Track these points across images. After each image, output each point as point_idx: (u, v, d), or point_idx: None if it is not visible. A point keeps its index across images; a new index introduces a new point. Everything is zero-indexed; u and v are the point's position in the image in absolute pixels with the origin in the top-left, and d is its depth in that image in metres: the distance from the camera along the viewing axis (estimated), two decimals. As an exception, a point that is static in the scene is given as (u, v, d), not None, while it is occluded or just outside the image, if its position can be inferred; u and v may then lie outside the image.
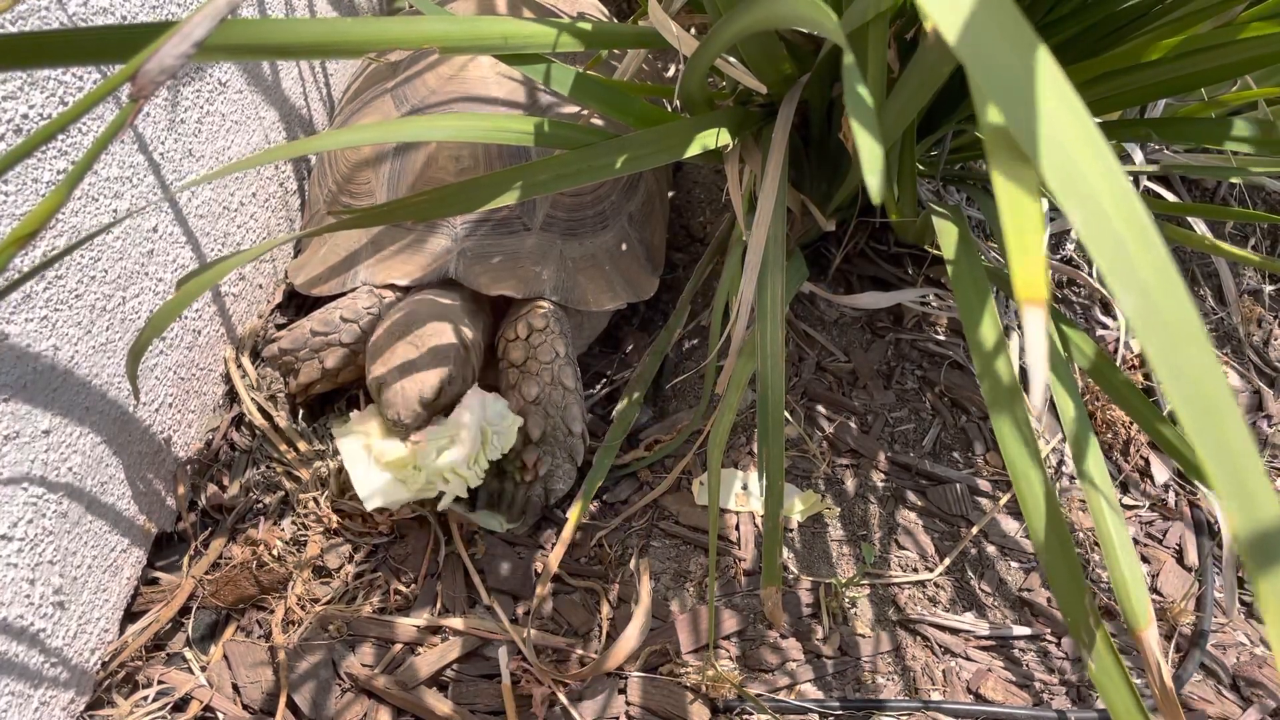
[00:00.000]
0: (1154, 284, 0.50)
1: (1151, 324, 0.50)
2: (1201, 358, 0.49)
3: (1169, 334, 0.50)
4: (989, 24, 0.54)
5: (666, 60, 2.05)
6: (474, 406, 1.33)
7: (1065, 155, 0.52)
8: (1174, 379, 0.49)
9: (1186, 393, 0.49)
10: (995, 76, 0.54)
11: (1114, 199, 0.51)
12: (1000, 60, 0.54)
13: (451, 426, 1.32)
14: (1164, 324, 0.50)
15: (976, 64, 0.54)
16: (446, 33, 1.09)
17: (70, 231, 1.11)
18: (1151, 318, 0.50)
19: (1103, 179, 0.51)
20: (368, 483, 1.29)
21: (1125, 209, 0.51)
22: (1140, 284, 0.50)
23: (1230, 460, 0.49)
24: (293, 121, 1.69)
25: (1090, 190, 0.51)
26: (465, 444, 1.30)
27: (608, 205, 1.56)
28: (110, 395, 1.20)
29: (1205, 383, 0.49)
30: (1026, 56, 0.53)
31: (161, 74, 0.65)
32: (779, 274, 1.17)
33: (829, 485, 1.44)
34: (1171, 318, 0.50)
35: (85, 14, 1.11)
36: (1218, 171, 1.64)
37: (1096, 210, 0.51)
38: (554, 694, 1.18)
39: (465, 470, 1.29)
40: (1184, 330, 0.49)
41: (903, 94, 1.11)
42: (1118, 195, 0.51)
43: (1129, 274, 0.50)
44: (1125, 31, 1.29)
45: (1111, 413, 1.59)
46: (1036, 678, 1.26)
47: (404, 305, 1.39)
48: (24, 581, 1.06)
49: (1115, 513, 1.04)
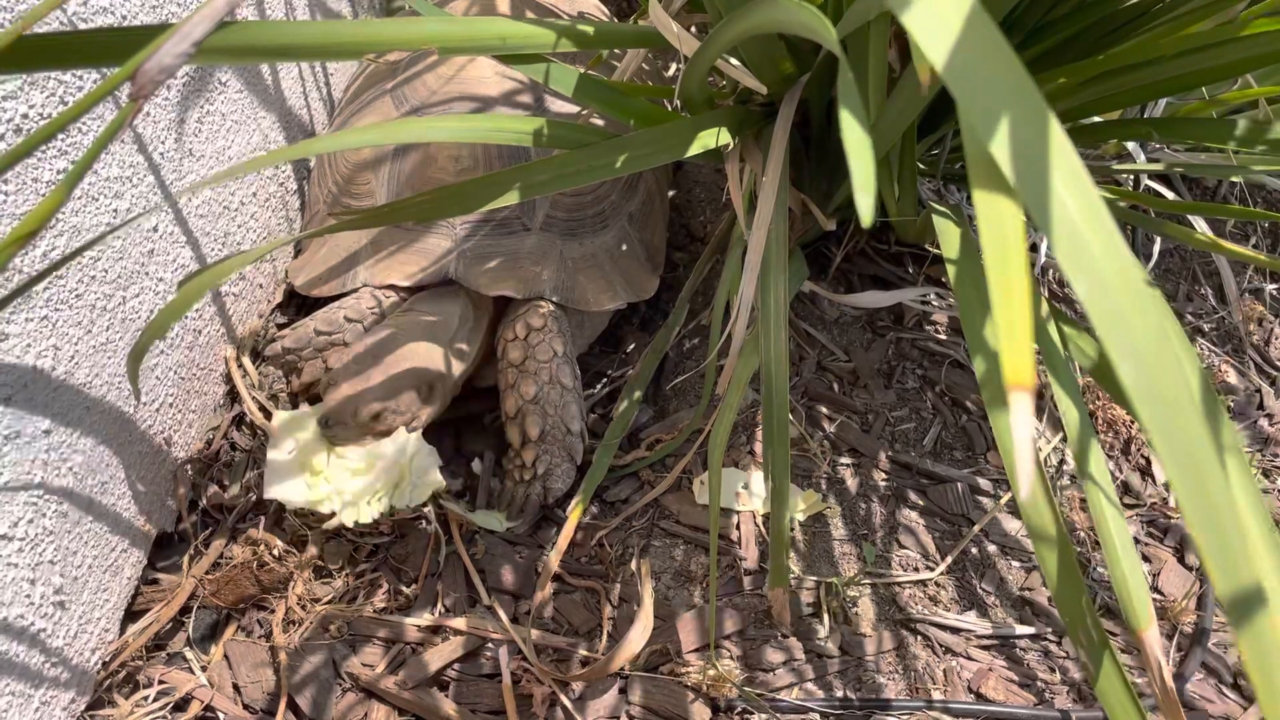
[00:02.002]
0: (1146, 343, 0.53)
1: (1146, 390, 0.53)
2: (1195, 433, 0.53)
3: (1163, 401, 0.53)
4: (976, 54, 0.56)
5: (667, 60, 2.05)
6: (401, 446, 1.32)
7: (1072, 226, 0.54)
8: (1168, 450, 0.53)
9: (1179, 463, 0.53)
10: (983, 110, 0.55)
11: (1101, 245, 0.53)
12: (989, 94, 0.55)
13: (371, 455, 1.31)
14: (1159, 393, 0.53)
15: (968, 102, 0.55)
16: (446, 33, 1.09)
17: (70, 231, 1.11)
18: (1146, 384, 0.53)
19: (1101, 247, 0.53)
20: (276, 473, 1.29)
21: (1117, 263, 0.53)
22: (1134, 347, 0.53)
23: (1215, 526, 0.53)
24: (292, 122, 1.69)
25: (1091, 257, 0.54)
26: (372, 475, 1.29)
27: (607, 205, 1.56)
28: (111, 395, 1.20)
29: (1197, 455, 0.53)
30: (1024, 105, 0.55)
31: (161, 74, 0.65)
32: (780, 274, 1.17)
33: (830, 485, 1.44)
34: (1165, 385, 0.53)
35: (85, 13, 1.11)
36: (1218, 170, 1.64)
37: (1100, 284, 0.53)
38: (555, 694, 1.18)
39: (363, 502, 1.28)
40: (1177, 399, 0.53)
41: (903, 94, 1.11)
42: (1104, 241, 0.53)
43: (1125, 339, 0.53)
44: (1125, 30, 1.29)
45: (1112, 412, 1.59)
46: (1038, 677, 1.26)
47: (397, 320, 1.40)
48: (24, 581, 1.06)
49: (1116, 512, 1.04)
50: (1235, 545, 0.53)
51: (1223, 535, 0.53)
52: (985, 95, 0.55)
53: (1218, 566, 0.53)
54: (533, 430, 1.37)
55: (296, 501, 1.28)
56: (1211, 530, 0.53)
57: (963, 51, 0.55)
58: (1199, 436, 0.53)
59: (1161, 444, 0.53)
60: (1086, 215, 0.53)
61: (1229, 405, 1.71)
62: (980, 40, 0.55)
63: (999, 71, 0.55)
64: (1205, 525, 0.53)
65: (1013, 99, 0.54)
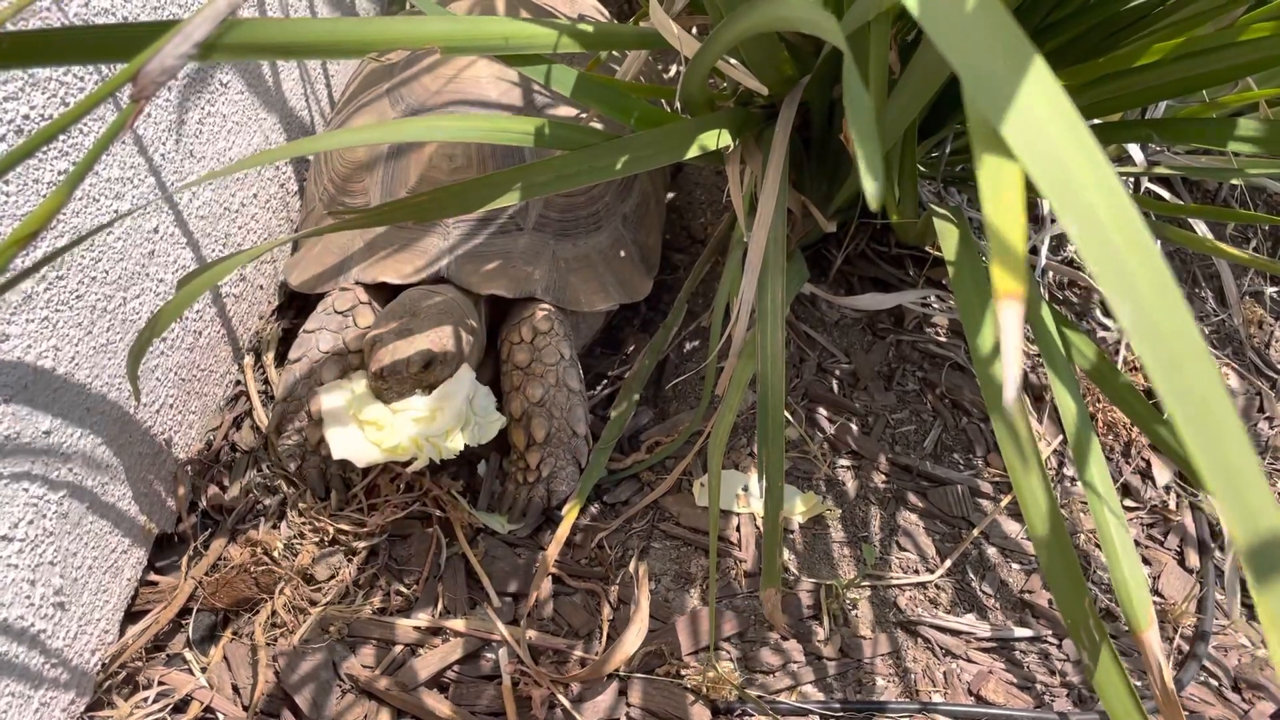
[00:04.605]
0: (1152, 297, 0.50)
1: (1150, 338, 0.50)
2: (1202, 372, 0.49)
3: (1168, 348, 0.50)
4: (982, 31, 0.55)
5: (667, 61, 2.05)
6: (465, 385, 1.35)
7: (1062, 167, 0.53)
8: (1174, 392, 0.49)
9: (1186, 406, 0.49)
10: (988, 87, 0.54)
11: (1112, 212, 0.52)
12: (993, 70, 0.54)
13: (436, 400, 1.33)
14: (1163, 338, 0.50)
15: (968, 72, 0.54)
16: (449, 33, 1.09)
17: (71, 232, 1.11)
18: (1151, 332, 0.50)
19: (1102, 196, 0.52)
20: (342, 437, 1.30)
21: (1124, 223, 0.51)
22: (1138, 296, 0.50)
23: (1231, 472, 0.49)
24: (294, 123, 1.69)
25: (1088, 204, 0.52)
26: (446, 416, 1.32)
27: (601, 206, 1.57)
28: (111, 396, 1.20)
29: (1206, 396, 0.49)
30: (1020, 67, 0.54)
31: (162, 74, 0.65)
32: (779, 275, 1.17)
33: (830, 487, 1.44)
34: (1171, 331, 0.49)
35: (86, 14, 1.11)
36: (1219, 173, 1.64)
37: (1094, 224, 0.51)
38: (554, 695, 1.18)
39: (440, 442, 1.31)
40: (1184, 345, 0.49)
41: (904, 95, 1.11)
42: (1115, 208, 0.51)
43: (1126, 285, 0.50)
44: (1126, 33, 1.29)
45: (1113, 415, 1.59)
46: (1038, 680, 1.26)
47: (410, 291, 1.41)
48: (24, 582, 1.06)
49: (1117, 515, 1.04)
50: (1253, 487, 0.48)
51: (1239, 480, 0.48)
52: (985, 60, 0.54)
53: (1234, 512, 0.48)
54: (539, 433, 1.37)
55: (373, 459, 1.30)
56: (1227, 475, 0.48)
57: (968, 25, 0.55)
58: (1206, 374, 0.49)
59: (1165, 383, 0.49)
60: (1072, 144, 0.53)
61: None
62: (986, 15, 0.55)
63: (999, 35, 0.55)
64: (1219, 470, 0.48)
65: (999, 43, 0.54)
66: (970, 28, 0.55)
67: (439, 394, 1.33)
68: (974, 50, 0.55)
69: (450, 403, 1.33)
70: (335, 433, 1.31)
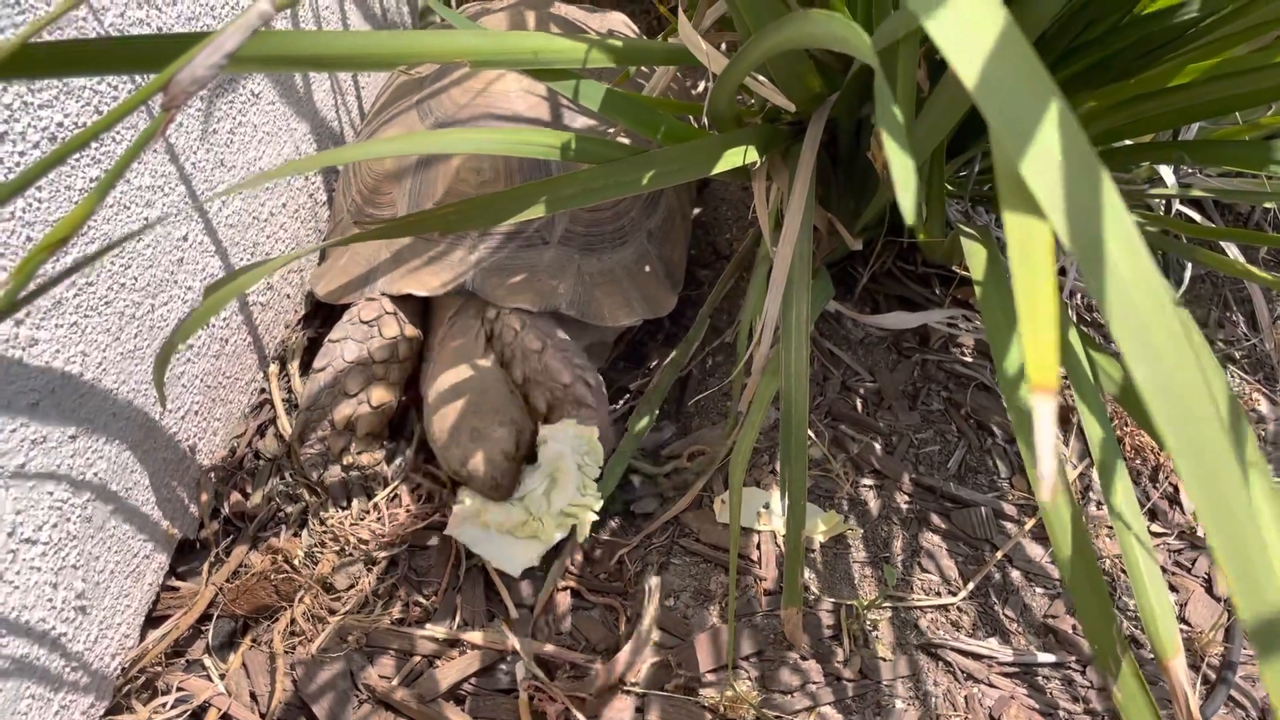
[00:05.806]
0: (1171, 359, 0.51)
1: (1168, 407, 0.50)
2: (1215, 444, 0.50)
3: (1183, 411, 0.50)
4: (1007, 70, 0.55)
5: (695, 78, 2.06)
6: (559, 439, 1.37)
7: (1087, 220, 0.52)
8: (1188, 460, 0.50)
9: (1199, 475, 0.50)
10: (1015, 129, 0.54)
11: (1134, 272, 0.51)
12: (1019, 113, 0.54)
13: (547, 466, 1.35)
14: (1183, 410, 0.50)
15: (997, 118, 0.54)
16: (479, 47, 1.10)
17: (102, 239, 1.12)
18: (1168, 398, 0.50)
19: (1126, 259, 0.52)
20: (507, 557, 1.32)
21: (1144, 283, 0.51)
22: (1155, 357, 0.51)
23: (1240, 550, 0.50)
24: (324, 134, 1.70)
25: (1112, 264, 0.52)
26: (571, 476, 1.34)
27: (627, 221, 1.57)
28: (137, 402, 1.21)
29: (1218, 470, 0.50)
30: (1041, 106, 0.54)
31: (194, 84, 0.66)
32: (804, 292, 1.17)
33: (852, 506, 1.42)
34: (1188, 402, 0.50)
35: (121, 25, 1.13)
36: (1252, 196, 1.62)
37: (1123, 293, 0.51)
38: (569, 710, 1.17)
39: (582, 500, 1.33)
40: (1199, 413, 0.50)
41: (932, 114, 1.10)
42: (1138, 270, 0.51)
43: (1147, 350, 0.51)
44: (1159, 54, 1.28)
45: (1140, 439, 1.57)
46: (1061, 706, 1.24)
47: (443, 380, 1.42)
48: (47, 585, 1.07)
49: (1143, 541, 1.02)
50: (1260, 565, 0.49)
51: (1247, 553, 0.49)
52: (1012, 106, 0.54)
53: (1241, 587, 0.49)
54: (540, 405, 1.42)
55: (543, 552, 1.32)
56: (1234, 547, 0.49)
57: (993, 66, 0.55)
58: (1220, 448, 0.49)
59: (1178, 448, 0.50)
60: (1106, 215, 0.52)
61: (1260, 434, 1.69)
62: (1011, 55, 0.55)
63: (1025, 81, 0.54)
64: (1227, 542, 0.49)
65: (1037, 105, 0.53)
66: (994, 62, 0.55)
67: (546, 466, 1.36)
68: (999, 91, 0.55)
69: (561, 465, 1.35)
70: (499, 559, 1.32)
